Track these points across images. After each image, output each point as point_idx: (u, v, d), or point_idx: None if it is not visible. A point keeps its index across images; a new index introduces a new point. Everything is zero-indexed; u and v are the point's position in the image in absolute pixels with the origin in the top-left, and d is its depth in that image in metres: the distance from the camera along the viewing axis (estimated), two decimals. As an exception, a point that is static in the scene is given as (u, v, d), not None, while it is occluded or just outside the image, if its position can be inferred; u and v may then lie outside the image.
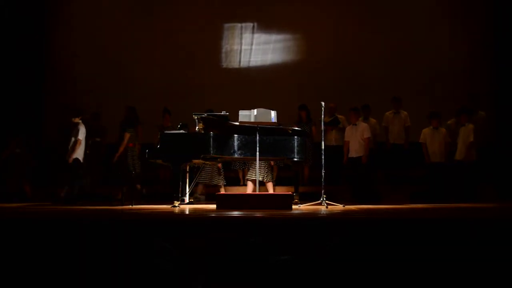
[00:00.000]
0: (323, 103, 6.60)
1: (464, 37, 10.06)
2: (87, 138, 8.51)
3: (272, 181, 7.78)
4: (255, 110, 6.51)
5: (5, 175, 8.68)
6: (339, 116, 8.84)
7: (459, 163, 7.95)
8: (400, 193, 8.21)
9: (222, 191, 7.91)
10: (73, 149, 7.83)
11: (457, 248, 3.85)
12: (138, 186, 8.40)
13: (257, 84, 10.11)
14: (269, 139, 6.56)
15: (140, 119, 8.86)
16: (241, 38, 10.56)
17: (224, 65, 10.59)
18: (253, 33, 10.55)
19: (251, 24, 10.56)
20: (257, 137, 6.38)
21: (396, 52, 10.02)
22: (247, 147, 6.51)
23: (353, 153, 8.07)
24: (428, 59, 9.95)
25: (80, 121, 8.00)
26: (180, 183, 6.83)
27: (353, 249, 3.85)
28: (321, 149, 6.54)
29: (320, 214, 5.14)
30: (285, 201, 5.80)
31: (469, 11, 10.10)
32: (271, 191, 7.63)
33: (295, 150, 6.67)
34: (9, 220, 4.58)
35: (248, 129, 6.51)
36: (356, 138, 8.00)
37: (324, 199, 6.32)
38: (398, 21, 10.14)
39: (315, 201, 6.46)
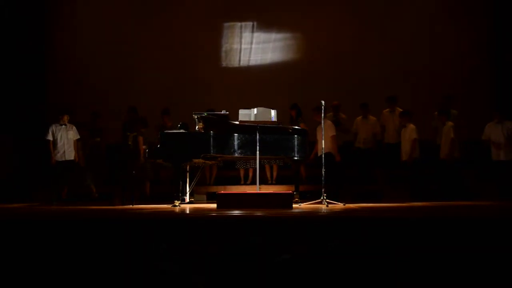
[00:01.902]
0: (323, 102, 6.60)
1: (463, 37, 10.04)
2: (87, 138, 8.53)
3: None
4: (255, 109, 6.52)
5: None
6: (342, 115, 8.83)
7: (442, 161, 8.01)
8: (400, 192, 8.19)
9: None
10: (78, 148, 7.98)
11: (458, 246, 3.85)
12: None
13: (257, 83, 10.10)
14: (269, 138, 6.56)
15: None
16: (241, 37, 10.55)
17: (224, 64, 10.58)
18: (253, 32, 10.54)
19: (251, 23, 10.55)
20: (257, 136, 6.38)
21: (395, 51, 9.99)
22: (247, 146, 6.51)
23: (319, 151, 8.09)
24: (427, 58, 9.92)
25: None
26: (181, 182, 6.83)
27: (354, 248, 3.86)
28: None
29: (321, 212, 5.14)
30: (286, 200, 5.81)
31: (470, 11, 10.08)
32: None
33: (296, 149, 6.67)
34: (10, 220, 4.59)
35: (248, 128, 6.51)
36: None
37: (325, 197, 6.32)
38: (397, 21, 10.12)
39: (315, 200, 6.46)
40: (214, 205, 6.14)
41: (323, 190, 6.36)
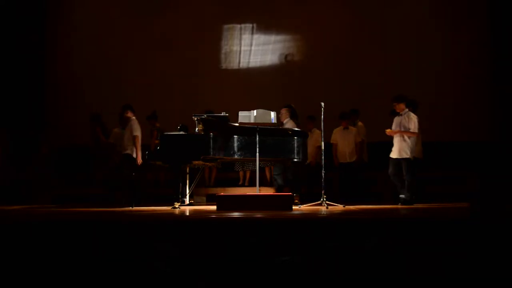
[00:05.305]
0: (322, 104, 6.62)
1: (462, 40, 10.06)
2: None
3: None
4: (255, 111, 6.52)
5: None
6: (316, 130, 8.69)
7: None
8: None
9: None
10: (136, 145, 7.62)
11: (457, 247, 3.86)
12: None
13: (257, 85, 10.11)
14: (269, 140, 6.56)
15: (138, 120, 8.83)
16: (240, 39, 10.56)
17: (224, 66, 10.59)
18: (252, 34, 10.55)
19: (251, 25, 10.56)
20: (257, 138, 6.38)
21: (396, 53, 10.01)
22: (247, 148, 6.52)
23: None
24: (427, 61, 9.94)
25: (134, 117, 7.74)
26: (180, 184, 6.83)
27: (354, 249, 3.86)
28: (320, 149, 6.55)
29: (321, 214, 5.14)
30: (286, 202, 5.80)
31: (469, 14, 10.10)
32: None
33: (295, 151, 6.67)
34: (10, 222, 4.58)
35: (248, 130, 6.51)
36: None
37: (324, 199, 6.33)
38: (397, 23, 10.13)
39: (315, 201, 6.47)
40: (214, 207, 6.13)
41: (322, 192, 6.37)
